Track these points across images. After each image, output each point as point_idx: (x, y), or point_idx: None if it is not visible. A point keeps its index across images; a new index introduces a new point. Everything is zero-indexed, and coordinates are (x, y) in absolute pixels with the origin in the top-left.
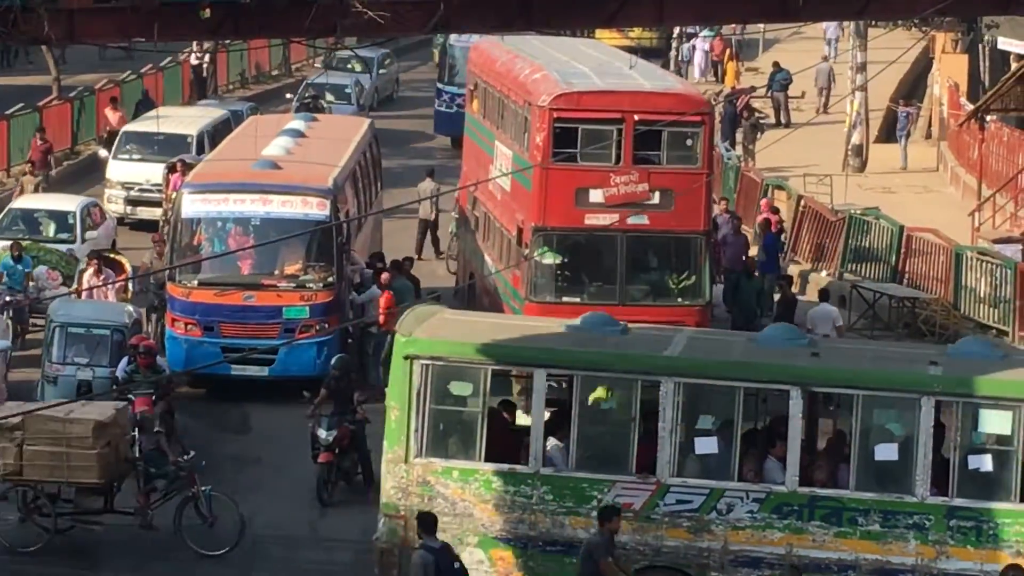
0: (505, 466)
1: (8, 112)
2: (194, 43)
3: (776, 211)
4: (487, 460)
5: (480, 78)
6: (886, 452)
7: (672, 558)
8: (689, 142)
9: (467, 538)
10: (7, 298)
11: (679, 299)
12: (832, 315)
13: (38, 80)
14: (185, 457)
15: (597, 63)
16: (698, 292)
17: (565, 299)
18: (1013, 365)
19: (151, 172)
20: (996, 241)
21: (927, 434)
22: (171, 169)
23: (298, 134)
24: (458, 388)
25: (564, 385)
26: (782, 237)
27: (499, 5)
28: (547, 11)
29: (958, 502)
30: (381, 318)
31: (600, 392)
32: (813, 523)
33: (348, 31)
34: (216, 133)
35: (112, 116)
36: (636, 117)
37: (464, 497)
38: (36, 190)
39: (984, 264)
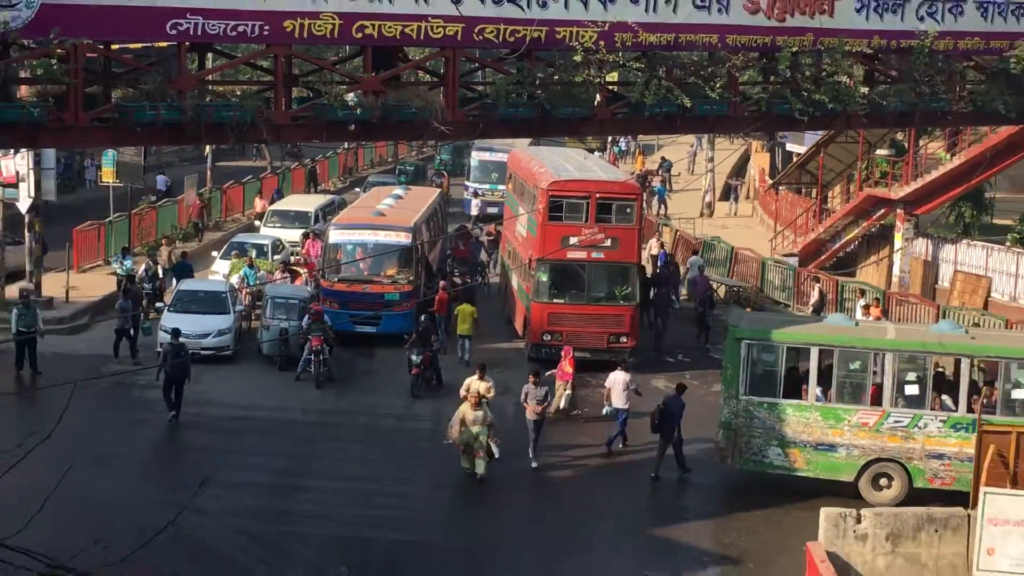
0: (794, 401)
1: (244, 180)
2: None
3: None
4: (783, 397)
5: (513, 171)
6: None
7: (891, 454)
8: (628, 210)
9: (771, 442)
10: (247, 291)
11: (621, 301)
12: (699, 262)
13: (246, 163)
14: None
15: (577, 163)
16: (632, 297)
17: (555, 300)
18: None
19: (286, 235)
20: (784, 255)
21: None
22: (306, 236)
23: (398, 197)
24: (766, 356)
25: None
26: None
27: (516, 124)
28: (544, 127)
29: None
30: (435, 306)
31: None
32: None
33: (431, 136)
34: (326, 211)
35: (259, 203)
36: (597, 195)
37: (770, 419)
38: (169, 257)
39: (777, 268)
